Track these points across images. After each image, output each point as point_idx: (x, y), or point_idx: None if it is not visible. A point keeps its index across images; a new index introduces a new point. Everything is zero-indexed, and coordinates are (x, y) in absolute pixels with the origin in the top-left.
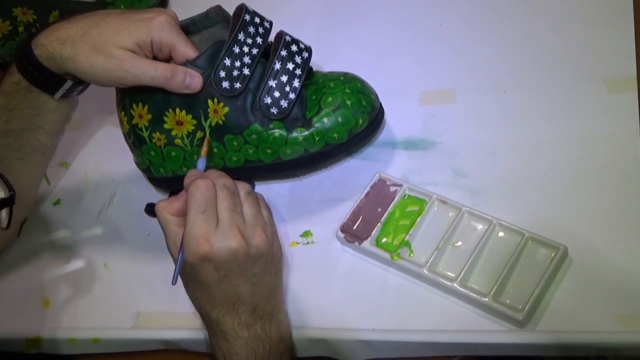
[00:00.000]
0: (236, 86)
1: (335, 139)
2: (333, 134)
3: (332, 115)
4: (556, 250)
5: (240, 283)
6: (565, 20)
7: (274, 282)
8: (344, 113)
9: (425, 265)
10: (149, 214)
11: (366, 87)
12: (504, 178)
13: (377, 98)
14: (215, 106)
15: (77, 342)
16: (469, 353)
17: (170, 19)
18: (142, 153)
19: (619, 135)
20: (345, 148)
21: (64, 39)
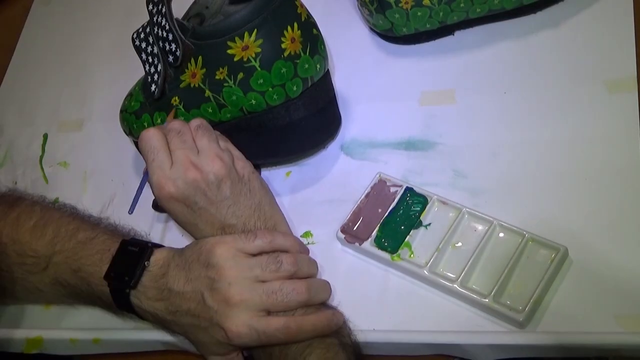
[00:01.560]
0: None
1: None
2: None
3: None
4: (556, 251)
5: (217, 210)
6: (565, 20)
7: (252, 199)
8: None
9: (425, 266)
10: (157, 210)
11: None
12: (504, 178)
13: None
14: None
15: (78, 342)
16: (469, 354)
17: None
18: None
19: (619, 135)
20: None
21: (162, 321)
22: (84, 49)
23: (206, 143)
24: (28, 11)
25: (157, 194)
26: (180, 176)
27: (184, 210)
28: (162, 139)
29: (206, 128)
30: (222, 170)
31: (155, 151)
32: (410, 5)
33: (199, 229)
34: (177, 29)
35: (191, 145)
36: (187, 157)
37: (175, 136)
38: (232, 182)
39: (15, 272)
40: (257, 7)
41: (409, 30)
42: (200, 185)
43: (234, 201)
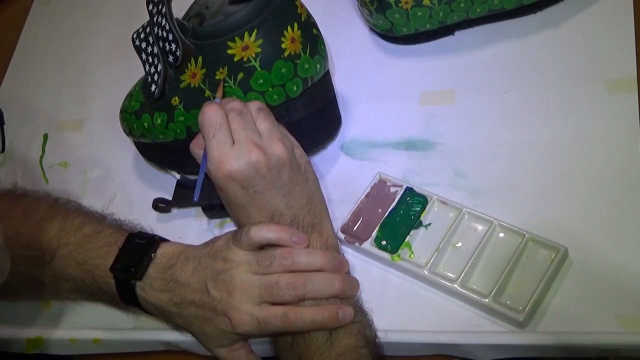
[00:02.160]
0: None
1: None
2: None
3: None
4: (557, 251)
5: (272, 196)
6: (565, 20)
7: (307, 190)
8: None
9: (425, 266)
10: (156, 210)
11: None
12: (504, 178)
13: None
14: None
15: (78, 342)
16: (469, 354)
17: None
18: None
19: (619, 135)
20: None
21: (166, 313)
22: (84, 49)
23: (268, 126)
24: (28, 11)
25: (214, 171)
26: (243, 156)
27: (238, 191)
28: (224, 117)
29: (267, 112)
30: (284, 156)
31: (217, 127)
32: (410, 5)
33: (248, 212)
34: (177, 29)
35: (253, 126)
36: (250, 138)
37: (237, 116)
38: (291, 169)
39: (19, 265)
40: (257, 7)
41: (409, 30)
42: (262, 169)
43: (290, 190)
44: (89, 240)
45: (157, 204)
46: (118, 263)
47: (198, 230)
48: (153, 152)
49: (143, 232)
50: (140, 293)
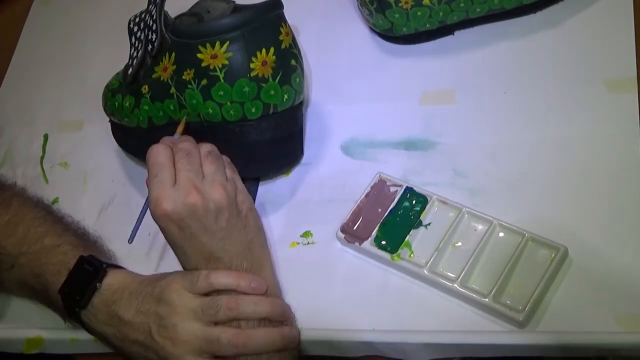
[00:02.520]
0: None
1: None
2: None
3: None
4: (556, 250)
5: (207, 239)
6: (565, 20)
7: (244, 236)
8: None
9: (425, 266)
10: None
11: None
12: (504, 178)
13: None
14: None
15: (78, 342)
16: (469, 354)
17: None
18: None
19: (619, 135)
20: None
21: (111, 345)
22: (84, 48)
23: (213, 170)
24: (28, 11)
25: (152, 210)
26: (180, 197)
27: (175, 231)
28: (170, 157)
29: (216, 155)
30: (223, 201)
31: (160, 167)
32: (410, 5)
33: (186, 254)
34: (161, 20)
35: (197, 169)
36: (191, 180)
37: (183, 157)
38: (230, 215)
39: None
40: (236, 20)
41: (409, 30)
42: (198, 211)
43: (227, 234)
44: (46, 254)
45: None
46: (66, 287)
47: None
48: (118, 133)
49: (94, 258)
50: (86, 320)
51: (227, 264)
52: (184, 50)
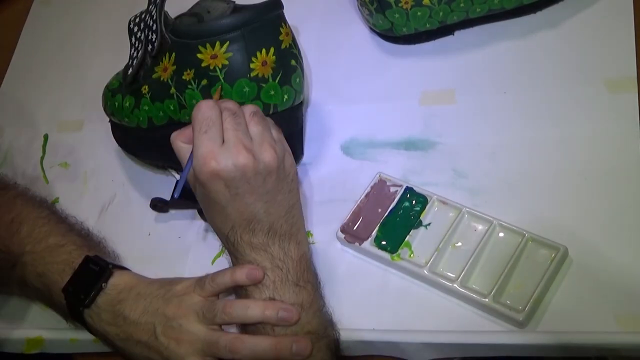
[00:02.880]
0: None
1: None
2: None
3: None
4: (556, 250)
5: (253, 201)
6: (565, 20)
7: (288, 200)
8: None
9: (425, 266)
10: (155, 209)
11: None
12: (504, 178)
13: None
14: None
15: (78, 341)
16: (469, 353)
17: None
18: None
19: (619, 135)
20: None
21: (112, 345)
22: (84, 48)
23: (260, 130)
24: (28, 11)
25: (199, 167)
26: (231, 157)
27: (220, 190)
28: (219, 115)
29: (261, 116)
30: (273, 163)
31: (210, 123)
32: (410, 5)
33: (226, 212)
34: (161, 20)
35: (245, 129)
36: (240, 140)
37: (230, 116)
38: (277, 177)
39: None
40: (237, 20)
41: (409, 30)
42: (248, 172)
43: (272, 197)
44: (50, 253)
45: (155, 203)
46: (70, 286)
47: (197, 231)
48: (118, 133)
49: (99, 258)
50: (88, 320)
51: (266, 226)
52: (184, 50)
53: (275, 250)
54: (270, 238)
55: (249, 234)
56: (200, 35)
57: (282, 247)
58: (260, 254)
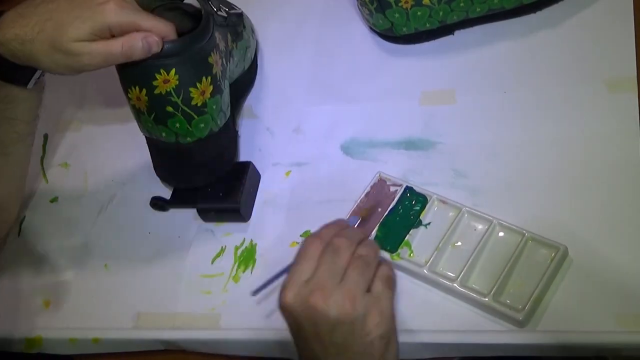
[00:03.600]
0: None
1: None
2: None
3: None
4: (556, 250)
5: (319, 348)
6: (565, 20)
7: (364, 356)
8: None
9: (425, 265)
10: (154, 208)
11: None
12: (504, 178)
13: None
14: None
15: (78, 342)
16: (469, 353)
17: (122, 2)
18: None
19: (619, 135)
20: None
21: (22, 39)
22: None
23: (355, 277)
24: None
25: (279, 295)
26: (304, 293)
27: (291, 323)
28: (320, 253)
29: (365, 262)
30: (346, 317)
31: (306, 260)
32: (410, 4)
33: (300, 348)
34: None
35: (339, 270)
36: (324, 280)
37: (330, 252)
38: (349, 331)
39: None
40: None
41: (409, 30)
42: (315, 316)
43: (340, 351)
44: None
45: (155, 202)
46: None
47: (197, 230)
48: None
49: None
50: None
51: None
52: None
53: None
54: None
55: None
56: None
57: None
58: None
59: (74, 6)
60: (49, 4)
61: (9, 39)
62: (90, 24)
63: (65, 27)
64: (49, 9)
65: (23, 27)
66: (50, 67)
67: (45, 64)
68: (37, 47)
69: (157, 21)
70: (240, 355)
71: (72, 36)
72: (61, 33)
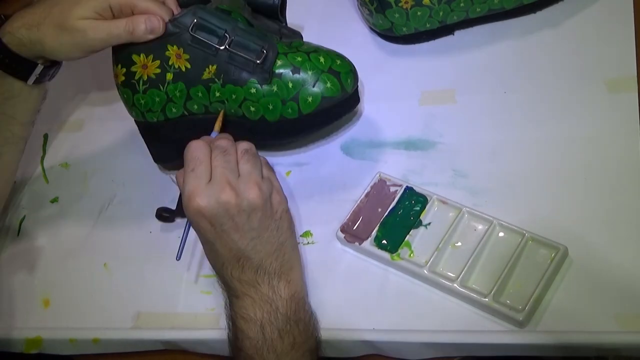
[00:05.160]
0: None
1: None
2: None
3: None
4: (556, 250)
5: (239, 238)
6: (565, 20)
7: (277, 237)
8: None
9: (425, 266)
10: (160, 219)
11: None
12: (504, 178)
13: (354, 81)
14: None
15: (77, 342)
16: (469, 353)
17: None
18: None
19: (619, 135)
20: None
21: (30, 24)
22: None
23: (249, 168)
24: None
25: (185, 204)
26: (214, 194)
27: (207, 227)
28: (208, 154)
29: (252, 154)
30: (257, 200)
31: (197, 162)
32: (410, 4)
33: (216, 249)
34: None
35: (233, 166)
36: (226, 177)
37: (220, 154)
38: (263, 214)
39: None
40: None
41: (408, 30)
42: (231, 209)
43: (258, 234)
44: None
45: (161, 213)
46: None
47: None
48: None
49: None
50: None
51: (256, 263)
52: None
53: (264, 287)
54: (260, 276)
55: (238, 270)
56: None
57: (271, 286)
58: (250, 291)
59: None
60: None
61: (16, 27)
62: (93, 4)
63: (71, 6)
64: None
65: (31, 14)
66: (55, 49)
67: (51, 46)
68: (44, 30)
69: (152, 3)
70: None
71: (77, 14)
72: (67, 14)
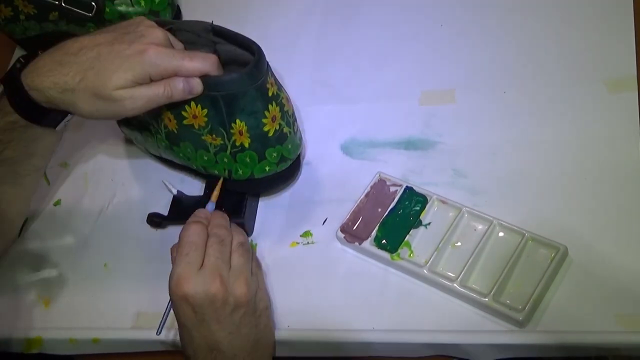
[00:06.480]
0: None
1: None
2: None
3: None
4: (556, 250)
5: (217, 329)
6: (565, 20)
7: (254, 335)
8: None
9: (425, 266)
10: (151, 225)
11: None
12: (504, 178)
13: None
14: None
15: (77, 342)
16: (469, 354)
17: (161, 48)
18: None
19: (619, 135)
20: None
21: (62, 88)
22: None
23: (242, 263)
24: None
25: (172, 288)
26: (203, 284)
27: (189, 313)
28: (204, 240)
29: (246, 249)
30: (243, 298)
31: (192, 247)
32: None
33: (192, 336)
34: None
35: (227, 258)
36: (218, 269)
37: (216, 242)
38: (246, 312)
39: None
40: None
41: None
42: (217, 302)
43: (237, 329)
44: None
45: (152, 218)
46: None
47: None
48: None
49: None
50: (27, 81)
51: (228, 357)
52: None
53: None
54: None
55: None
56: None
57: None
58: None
59: (115, 55)
60: (89, 52)
61: (46, 86)
62: (132, 73)
63: (108, 75)
64: (90, 57)
65: (63, 75)
66: (91, 114)
67: (86, 111)
68: (79, 96)
69: (196, 62)
70: None
71: (115, 84)
72: (103, 82)
